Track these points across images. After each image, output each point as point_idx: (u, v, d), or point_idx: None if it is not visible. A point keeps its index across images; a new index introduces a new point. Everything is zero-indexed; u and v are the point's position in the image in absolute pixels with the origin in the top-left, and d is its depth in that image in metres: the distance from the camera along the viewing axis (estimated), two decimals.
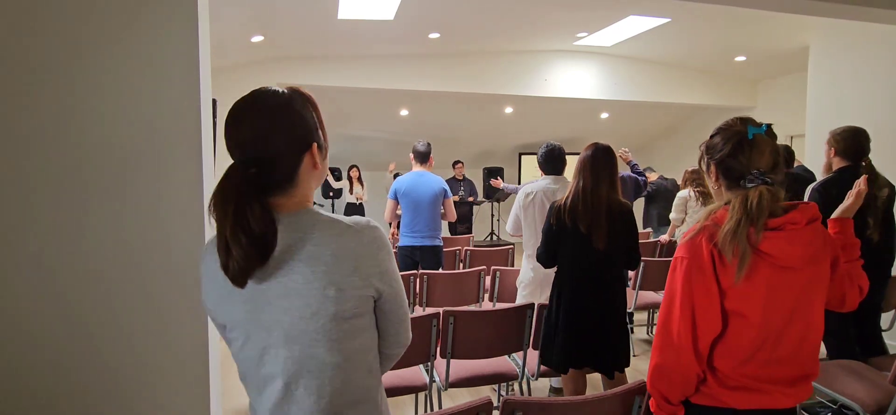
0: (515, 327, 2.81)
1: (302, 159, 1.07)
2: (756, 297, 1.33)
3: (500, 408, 1.66)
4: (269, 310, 1.02)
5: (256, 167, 1.01)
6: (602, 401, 1.78)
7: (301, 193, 1.09)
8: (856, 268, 1.54)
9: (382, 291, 1.08)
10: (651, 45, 6.77)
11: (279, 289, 1.01)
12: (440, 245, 4.39)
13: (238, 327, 1.07)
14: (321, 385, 1.04)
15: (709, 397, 1.41)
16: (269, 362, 1.04)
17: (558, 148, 3.47)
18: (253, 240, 0.96)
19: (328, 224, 1.05)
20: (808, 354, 1.40)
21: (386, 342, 1.16)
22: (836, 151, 3.02)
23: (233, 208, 0.97)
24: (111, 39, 1.85)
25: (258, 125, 1.04)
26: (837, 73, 5.15)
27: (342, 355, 1.04)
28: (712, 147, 1.47)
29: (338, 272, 1.01)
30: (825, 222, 1.58)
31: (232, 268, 0.97)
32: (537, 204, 3.37)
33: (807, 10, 3.58)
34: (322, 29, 5.58)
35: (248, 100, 1.07)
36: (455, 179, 8.80)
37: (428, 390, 2.73)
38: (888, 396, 2.36)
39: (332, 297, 1.01)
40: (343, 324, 1.03)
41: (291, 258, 1.01)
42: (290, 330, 1.02)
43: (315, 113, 1.12)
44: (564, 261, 2.67)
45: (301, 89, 1.12)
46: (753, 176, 1.37)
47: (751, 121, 1.42)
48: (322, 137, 1.12)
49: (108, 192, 1.86)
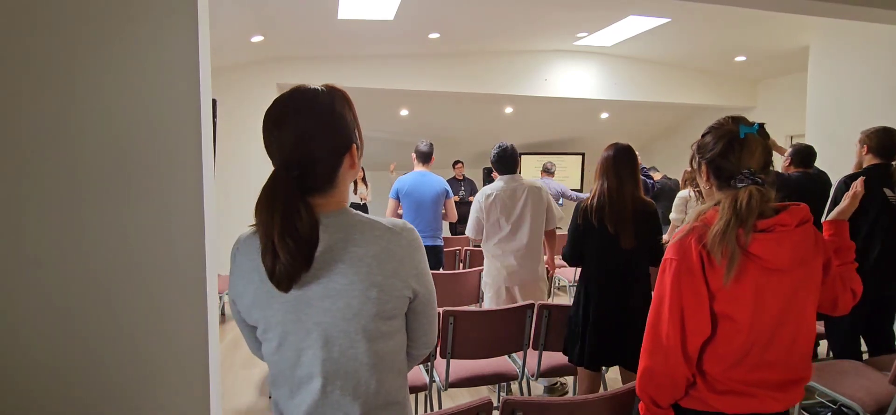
0: (515, 327, 2.81)
1: (342, 161, 1.08)
2: (745, 299, 1.31)
3: (500, 408, 1.66)
4: (310, 311, 1.02)
5: (299, 170, 1.02)
6: (602, 401, 1.78)
7: (340, 193, 1.09)
8: (849, 271, 1.51)
9: (419, 292, 1.09)
10: (651, 45, 6.77)
11: (320, 290, 1.01)
12: (441, 245, 4.39)
13: (274, 328, 1.06)
14: (357, 386, 1.04)
15: (698, 401, 1.39)
16: (306, 362, 1.04)
17: (511, 148, 3.53)
18: (300, 244, 0.96)
19: (368, 226, 1.05)
20: (799, 357, 1.37)
21: (414, 343, 1.16)
22: (869, 148, 3.09)
23: (281, 212, 0.97)
24: (111, 39, 1.85)
25: (301, 128, 1.03)
26: (837, 73, 5.15)
27: (378, 357, 1.05)
28: (703, 146, 1.45)
29: (380, 273, 1.02)
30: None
31: (279, 272, 0.97)
32: (498, 204, 3.40)
33: (807, 10, 3.58)
34: (322, 29, 5.58)
35: (289, 101, 1.06)
36: (455, 178, 8.80)
37: (428, 390, 2.73)
38: (888, 396, 2.36)
39: (375, 298, 1.02)
40: (382, 325, 1.04)
41: (333, 259, 1.01)
42: (331, 330, 1.02)
43: (352, 112, 1.12)
44: (592, 260, 2.68)
45: (338, 88, 1.12)
46: (743, 176, 1.35)
47: (743, 120, 1.40)
48: (358, 136, 1.13)
49: (107, 192, 1.86)
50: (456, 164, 8.92)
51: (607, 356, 2.65)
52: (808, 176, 3.77)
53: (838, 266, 1.50)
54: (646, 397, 1.42)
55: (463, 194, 8.69)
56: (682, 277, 1.33)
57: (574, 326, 2.72)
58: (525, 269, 3.42)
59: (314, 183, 1.05)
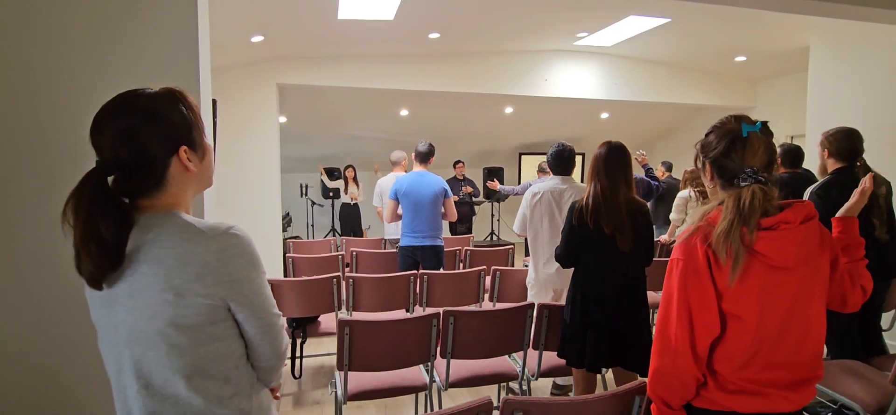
0: (515, 327, 2.81)
1: (169, 162, 1.04)
2: (751, 298, 1.31)
3: (500, 408, 1.66)
4: (117, 309, 1.02)
5: (119, 171, 1.01)
6: (602, 401, 1.78)
7: (171, 195, 1.06)
8: (859, 268, 1.50)
9: (231, 301, 1.04)
10: (651, 45, 6.77)
11: (125, 288, 1.01)
12: (441, 245, 4.38)
13: (96, 323, 1.09)
14: (162, 387, 1.02)
15: (709, 401, 1.39)
16: (114, 360, 1.05)
17: (569, 149, 3.47)
18: (102, 247, 0.97)
19: (181, 228, 1.02)
20: (808, 356, 1.37)
21: (252, 353, 1.12)
22: (830, 152, 3.00)
23: (83, 217, 0.97)
24: (111, 39, 1.84)
25: (119, 128, 1.01)
26: (837, 73, 5.15)
27: (184, 361, 1.01)
28: (707, 145, 1.45)
29: (178, 277, 0.98)
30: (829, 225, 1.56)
31: (85, 272, 0.99)
32: (544, 204, 3.37)
33: (807, 10, 3.58)
34: (322, 29, 5.58)
35: (112, 102, 1.05)
36: (456, 178, 8.80)
37: (428, 390, 2.73)
38: (888, 396, 2.36)
39: (170, 302, 0.98)
40: (185, 331, 1.00)
41: (136, 259, 1.00)
42: (133, 331, 1.01)
43: (190, 112, 1.08)
44: (589, 262, 2.66)
45: (174, 89, 1.08)
46: (747, 175, 1.35)
47: (745, 118, 1.40)
48: (197, 138, 1.08)
49: None
50: (457, 163, 8.93)
51: (608, 358, 2.64)
52: (797, 176, 3.77)
53: (847, 263, 1.49)
54: (657, 398, 1.42)
55: (463, 196, 8.69)
56: (689, 278, 1.33)
57: (570, 328, 2.71)
58: (561, 277, 3.35)
59: (137, 185, 1.03)
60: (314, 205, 9.48)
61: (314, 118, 7.99)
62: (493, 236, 9.71)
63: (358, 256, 4.57)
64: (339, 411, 2.56)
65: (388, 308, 3.69)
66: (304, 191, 9.36)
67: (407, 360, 2.62)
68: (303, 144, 8.75)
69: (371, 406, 3.46)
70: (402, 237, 4.36)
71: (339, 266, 4.53)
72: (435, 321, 2.62)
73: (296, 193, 9.32)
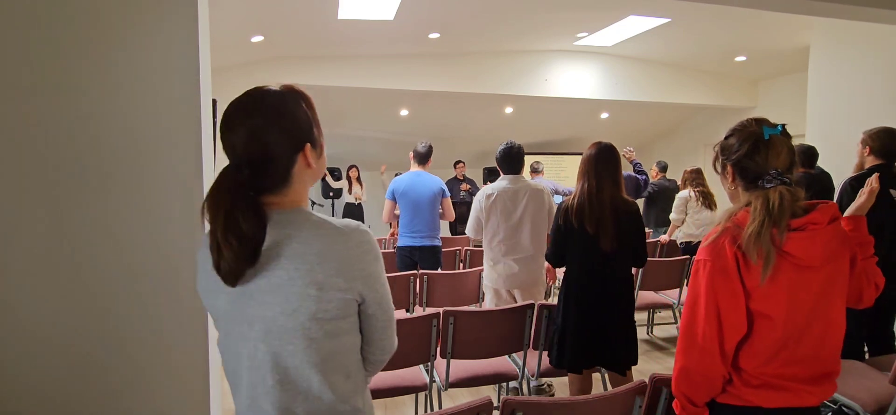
0: (515, 327, 2.81)
1: (295, 159, 1.08)
2: (779, 297, 1.33)
3: (500, 408, 1.66)
4: (252, 304, 1.03)
5: (249, 169, 1.03)
6: (602, 401, 1.78)
7: (295, 192, 1.09)
8: (871, 265, 1.54)
9: (366, 296, 1.08)
10: (651, 45, 6.78)
11: (263, 284, 1.02)
12: (439, 245, 4.38)
13: (222, 319, 1.09)
14: (297, 382, 1.04)
15: (734, 396, 1.41)
16: (247, 355, 1.05)
17: (517, 147, 3.45)
18: (243, 241, 0.98)
19: (316, 224, 1.05)
20: (829, 352, 1.41)
21: (369, 347, 1.15)
22: (871, 149, 3.08)
23: (224, 211, 0.98)
24: (111, 39, 1.84)
25: (251, 126, 1.04)
26: (837, 73, 5.15)
27: (320, 356, 1.04)
28: (728, 148, 1.47)
29: (321, 272, 1.01)
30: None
31: (223, 268, 0.99)
32: (499, 204, 3.36)
33: (807, 10, 3.58)
34: (322, 29, 5.58)
35: (241, 101, 1.07)
36: (456, 178, 8.80)
37: (428, 390, 2.73)
38: (888, 396, 2.36)
39: (313, 296, 1.01)
40: (323, 324, 1.03)
41: (277, 255, 1.02)
42: (271, 326, 1.02)
43: (310, 111, 1.12)
44: (573, 262, 2.67)
45: (296, 87, 1.12)
46: (772, 176, 1.38)
47: (765, 121, 1.43)
48: (317, 136, 1.12)
49: (107, 192, 1.86)
50: (457, 164, 8.93)
51: (588, 358, 2.64)
52: (811, 176, 3.78)
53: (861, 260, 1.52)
54: (681, 396, 1.45)
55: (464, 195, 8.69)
56: (717, 278, 1.35)
57: (555, 328, 2.72)
58: (525, 271, 3.40)
59: (266, 182, 1.05)
60: (314, 205, 9.48)
61: None
62: None
63: None
64: None
65: None
66: None
67: (407, 360, 2.62)
68: None
69: None
70: (399, 237, 4.37)
71: None
72: (435, 321, 2.62)
73: None
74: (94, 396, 1.88)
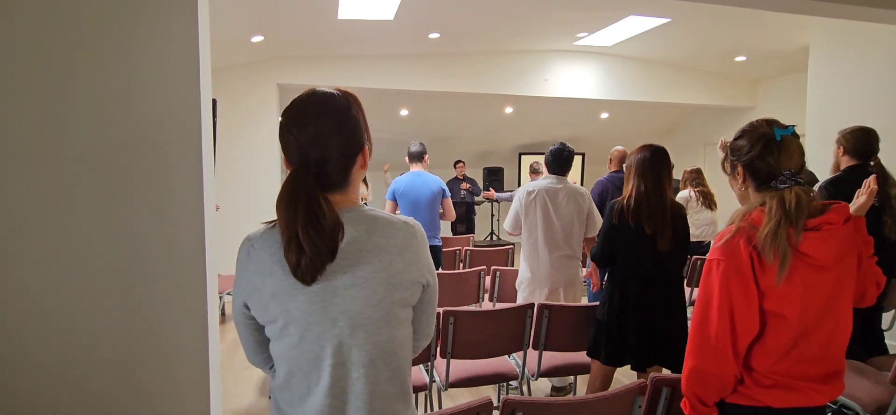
0: (515, 327, 2.81)
1: (356, 160, 1.13)
2: (793, 296, 1.33)
3: (500, 408, 1.66)
4: (336, 300, 1.05)
5: (316, 167, 1.07)
6: (602, 401, 1.78)
7: (353, 191, 1.15)
8: (871, 265, 1.54)
9: (430, 283, 1.17)
10: (651, 45, 6.77)
11: (347, 280, 1.05)
12: (439, 245, 4.38)
13: (297, 321, 1.07)
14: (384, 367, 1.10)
15: (745, 396, 1.41)
16: (331, 352, 1.07)
17: (568, 149, 3.48)
18: (323, 236, 1.01)
19: (386, 219, 1.12)
20: (836, 350, 1.41)
21: (418, 334, 1.22)
22: (845, 149, 3.03)
23: (304, 207, 1.01)
24: (111, 39, 1.84)
25: (321, 128, 1.09)
26: (837, 73, 5.15)
27: (401, 340, 1.12)
28: (738, 149, 1.47)
29: (402, 262, 1.09)
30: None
31: (304, 265, 1.01)
32: (539, 201, 3.37)
33: (807, 10, 3.58)
34: (322, 29, 5.58)
35: (310, 103, 1.12)
36: (456, 178, 8.80)
37: (428, 390, 2.73)
38: (888, 396, 2.36)
39: (398, 284, 1.08)
40: (400, 312, 1.11)
41: (359, 249, 1.06)
42: (358, 318, 1.06)
43: (363, 115, 1.18)
44: (629, 261, 2.67)
45: (350, 92, 1.18)
46: (785, 177, 1.38)
47: (776, 122, 1.43)
48: (368, 137, 1.19)
49: (107, 192, 1.85)
50: (457, 163, 8.93)
51: (653, 357, 2.65)
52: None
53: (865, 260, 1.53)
54: (692, 396, 1.45)
55: (464, 195, 8.69)
56: (732, 278, 1.35)
57: (605, 327, 2.71)
58: (560, 272, 3.39)
59: (330, 181, 1.09)
60: None
61: None
62: (493, 236, 9.71)
63: None
64: None
65: None
66: None
67: None
68: None
69: None
70: None
71: None
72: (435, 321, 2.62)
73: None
74: (93, 395, 1.88)
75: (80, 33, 1.82)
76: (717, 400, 1.44)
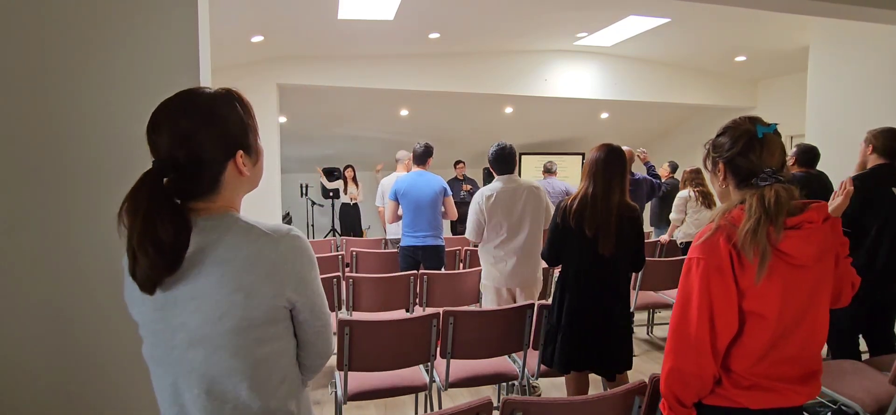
0: (515, 327, 2.81)
1: (226, 166, 1.03)
2: (773, 296, 1.32)
3: (500, 408, 1.66)
4: (177, 311, 0.99)
5: (174, 172, 0.98)
6: (602, 401, 1.78)
7: (224, 199, 1.05)
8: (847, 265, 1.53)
9: (296, 302, 1.05)
10: (651, 45, 6.77)
11: (188, 290, 0.98)
12: (442, 245, 4.38)
13: (146, 327, 1.05)
14: (225, 391, 1.01)
15: (723, 397, 1.40)
16: (173, 363, 1.02)
17: (509, 147, 3.45)
18: (160, 249, 0.94)
19: (245, 229, 1.01)
20: (813, 351, 1.40)
21: (304, 352, 1.12)
22: (874, 147, 3.07)
23: (141, 217, 0.94)
24: (111, 39, 1.85)
25: (177, 129, 0.99)
26: (837, 73, 5.15)
27: (248, 363, 1.01)
28: (720, 146, 1.46)
29: (248, 277, 0.98)
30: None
31: (139, 275, 0.96)
32: (499, 205, 3.36)
33: (807, 10, 3.58)
34: (322, 29, 5.58)
35: (169, 101, 1.03)
36: (456, 178, 8.80)
37: (428, 390, 2.73)
38: (888, 396, 2.36)
39: (240, 302, 0.98)
40: (252, 330, 1.00)
41: (202, 260, 0.98)
42: (196, 332, 0.99)
43: (247, 116, 1.07)
44: (570, 262, 2.66)
45: (233, 90, 1.08)
46: (766, 175, 1.36)
47: (758, 120, 1.42)
48: (253, 142, 1.07)
49: (107, 192, 1.85)
50: (457, 164, 8.93)
51: (580, 361, 2.63)
52: (811, 176, 3.78)
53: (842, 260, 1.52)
54: (671, 396, 1.43)
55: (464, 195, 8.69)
56: (712, 276, 1.33)
57: (549, 327, 2.71)
58: (525, 268, 3.41)
59: (193, 188, 1.01)
60: (314, 205, 9.47)
61: (314, 118, 7.99)
62: None
63: (358, 257, 4.57)
64: (339, 411, 2.56)
65: (388, 308, 3.69)
66: (304, 191, 9.36)
67: (407, 360, 2.62)
68: (303, 144, 8.75)
69: (371, 406, 3.46)
70: (402, 237, 4.36)
71: (339, 266, 4.53)
72: (435, 321, 2.62)
73: (296, 193, 9.32)
74: (91, 394, 1.88)
75: (80, 34, 1.82)
76: (696, 400, 1.42)
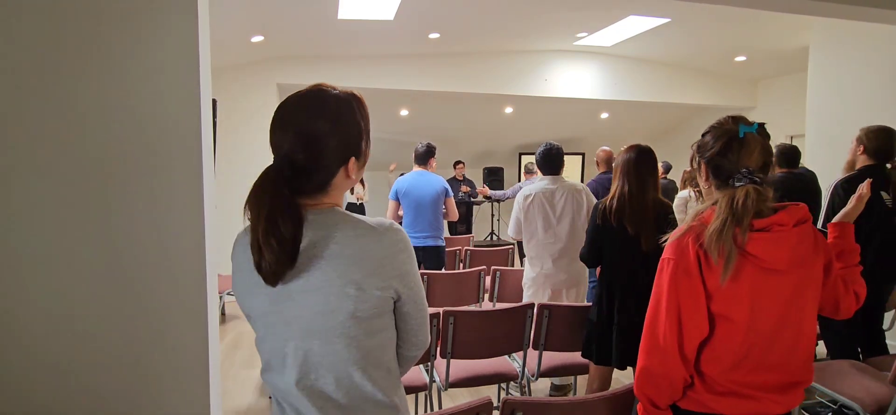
0: (515, 327, 2.81)
1: (337, 171, 1.08)
2: (741, 299, 1.30)
3: (500, 408, 1.66)
4: (290, 304, 1.03)
5: (292, 170, 1.02)
6: (601, 401, 1.78)
7: (331, 198, 1.10)
8: (853, 274, 1.50)
9: (401, 294, 1.09)
10: (651, 45, 6.78)
11: (301, 284, 1.02)
12: (442, 245, 4.38)
13: (260, 319, 1.09)
14: (338, 380, 1.05)
15: (697, 402, 1.38)
16: (289, 354, 1.06)
17: (556, 148, 3.48)
18: (283, 244, 0.98)
19: (352, 224, 1.05)
20: (800, 360, 1.37)
21: (404, 344, 1.17)
22: (865, 148, 2.99)
23: (266, 212, 0.98)
24: (111, 40, 1.85)
25: (306, 132, 1.04)
26: (837, 73, 5.15)
27: (360, 353, 1.05)
28: (703, 146, 1.45)
29: (358, 272, 1.02)
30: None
31: (265, 269, 1.00)
32: (537, 205, 3.38)
33: (807, 10, 3.58)
34: (322, 29, 5.58)
35: (302, 99, 1.07)
36: (455, 179, 8.80)
37: (428, 390, 2.73)
38: (888, 396, 2.36)
39: (352, 295, 1.02)
40: (361, 323, 1.04)
41: (314, 255, 1.02)
42: (310, 325, 1.03)
43: (364, 120, 1.12)
44: (614, 261, 2.68)
45: (356, 94, 1.12)
46: (742, 175, 1.34)
47: (743, 119, 1.40)
48: (364, 148, 1.13)
49: (107, 192, 1.86)
50: (457, 164, 8.93)
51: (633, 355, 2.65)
52: (794, 176, 3.77)
53: (842, 269, 1.49)
54: (643, 398, 1.42)
55: (462, 196, 8.69)
56: (680, 278, 1.33)
57: (596, 326, 2.71)
58: (563, 271, 3.40)
59: (305, 186, 1.05)
60: None
61: None
62: (493, 236, 9.71)
63: None
64: None
65: None
66: None
67: None
68: None
69: None
70: None
71: None
72: (435, 321, 2.62)
73: None
74: (93, 394, 1.88)
75: (80, 34, 1.82)
76: (669, 403, 1.40)
